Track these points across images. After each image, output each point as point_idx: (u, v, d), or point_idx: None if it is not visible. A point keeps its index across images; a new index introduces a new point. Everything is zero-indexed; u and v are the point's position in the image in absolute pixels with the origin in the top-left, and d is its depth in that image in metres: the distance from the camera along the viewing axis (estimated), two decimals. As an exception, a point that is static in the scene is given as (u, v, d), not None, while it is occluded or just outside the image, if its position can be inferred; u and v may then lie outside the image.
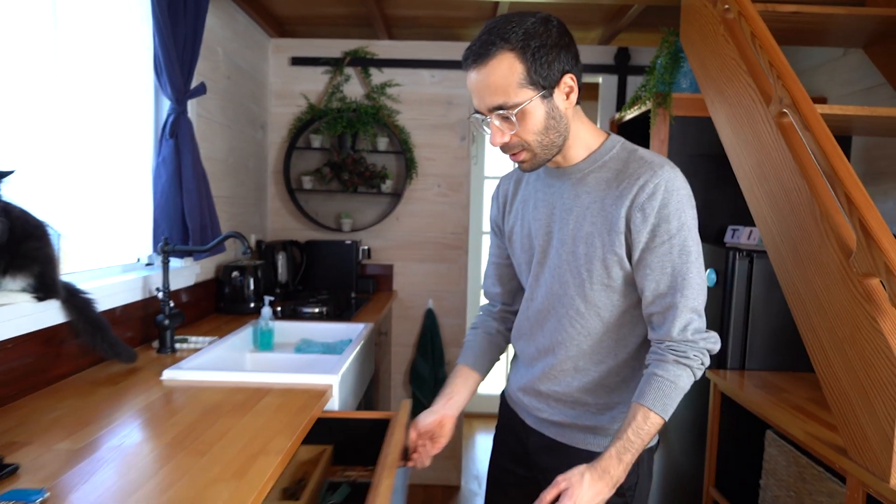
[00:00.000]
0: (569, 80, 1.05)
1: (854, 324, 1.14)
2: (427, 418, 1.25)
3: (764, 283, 1.75)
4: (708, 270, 1.89)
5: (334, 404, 1.51)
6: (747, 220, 2.03)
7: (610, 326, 1.12)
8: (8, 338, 1.27)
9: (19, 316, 1.29)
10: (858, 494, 1.13)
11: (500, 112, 1.03)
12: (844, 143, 2.10)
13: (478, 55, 1.02)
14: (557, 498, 1.01)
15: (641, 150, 1.10)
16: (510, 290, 1.34)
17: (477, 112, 1.07)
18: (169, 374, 1.49)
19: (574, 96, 1.07)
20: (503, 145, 1.07)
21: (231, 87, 2.54)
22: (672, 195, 1.04)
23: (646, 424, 1.03)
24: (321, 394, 1.42)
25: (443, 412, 1.26)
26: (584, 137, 1.12)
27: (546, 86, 1.03)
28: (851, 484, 1.15)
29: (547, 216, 1.16)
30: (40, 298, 1.33)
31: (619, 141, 1.13)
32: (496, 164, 4.14)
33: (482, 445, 3.72)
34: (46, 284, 1.33)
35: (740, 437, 1.70)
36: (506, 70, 1.00)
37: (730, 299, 1.77)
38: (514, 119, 1.03)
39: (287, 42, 3.04)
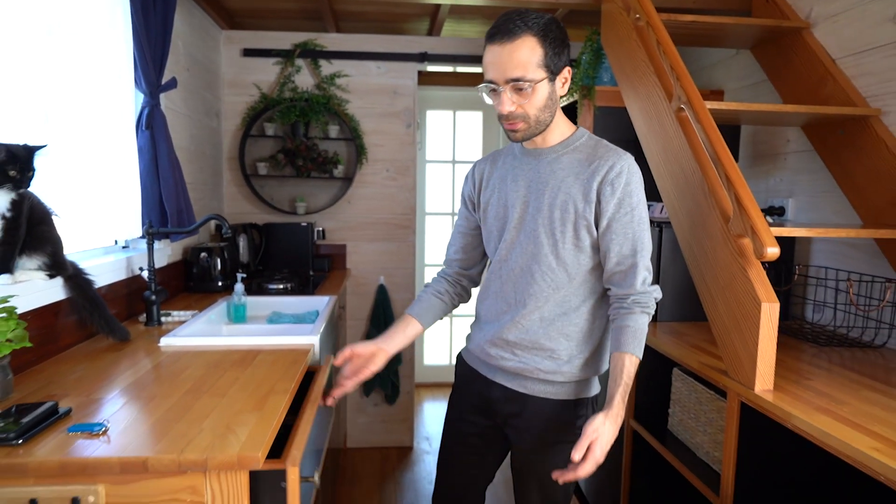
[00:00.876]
0: (566, 73, 1.32)
1: (731, 273, 1.48)
2: (363, 346, 1.47)
3: (671, 249, 2.10)
4: (626, 240, 2.22)
5: (316, 360, 1.75)
6: (659, 197, 2.38)
7: (574, 282, 1.38)
8: (28, 310, 1.43)
9: (35, 291, 1.46)
10: (735, 403, 1.48)
11: (517, 83, 1.25)
12: (735, 130, 2.48)
13: (507, 32, 1.23)
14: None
15: (604, 141, 1.40)
16: (471, 256, 1.60)
17: (489, 82, 1.28)
18: (166, 341, 1.68)
19: (566, 86, 1.34)
20: (508, 113, 1.29)
21: (190, 79, 2.67)
22: (633, 176, 1.33)
23: (633, 368, 1.30)
24: (307, 351, 1.65)
25: (379, 345, 1.48)
26: (561, 125, 1.40)
27: (554, 72, 1.29)
28: (731, 396, 1.50)
29: (525, 188, 1.39)
30: (51, 276, 1.50)
31: (586, 132, 1.42)
32: (438, 150, 4.40)
33: (430, 411, 4.02)
34: (57, 263, 1.49)
35: (654, 376, 2.05)
36: (529, 50, 1.24)
37: (644, 263, 2.12)
38: (528, 91, 1.26)
39: (238, 34, 3.17)
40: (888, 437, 1.13)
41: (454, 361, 1.64)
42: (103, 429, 1.08)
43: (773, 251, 1.36)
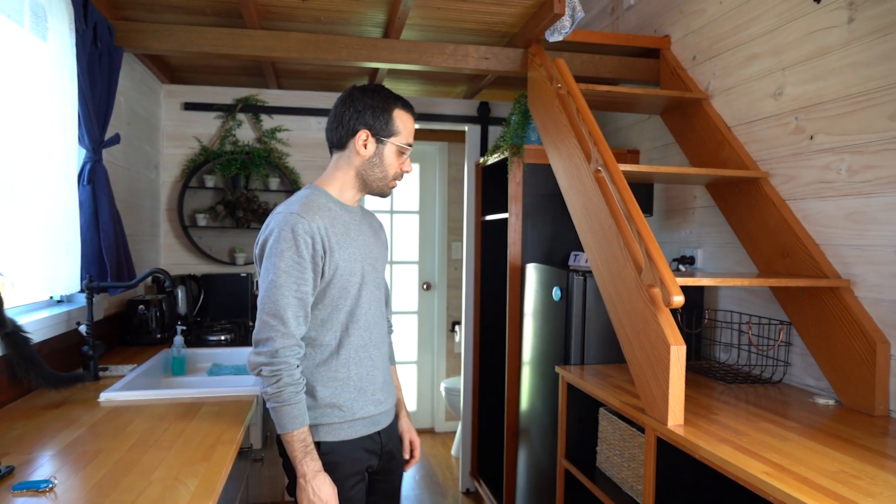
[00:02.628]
0: None
1: (644, 319, 1.65)
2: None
3: (595, 296, 2.27)
4: (555, 288, 2.39)
5: (258, 413, 1.79)
6: (582, 248, 2.57)
7: None
8: (-34, 368, 1.43)
9: (-27, 349, 1.46)
10: (652, 438, 1.63)
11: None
12: (648, 188, 2.73)
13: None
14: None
15: None
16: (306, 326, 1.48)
17: (410, 146, 1.57)
18: (106, 396, 1.69)
19: None
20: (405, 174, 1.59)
21: (130, 132, 2.70)
22: None
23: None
24: (250, 401, 1.69)
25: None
26: None
27: None
28: (648, 432, 1.65)
29: (365, 242, 1.56)
30: (-10, 333, 1.49)
31: None
32: (375, 200, 4.52)
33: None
34: (-3, 320, 1.50)
35: (582, 416, 2.18)
36: None
37: (571, 310, 2.28)
38: None
39: (179, 88, 3.23)
40: (778, 462, 1.29)
41: None
42: (50, 486, 1.10)
43: (678, 299, 1.53)
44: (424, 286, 4.62)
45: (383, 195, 1.61)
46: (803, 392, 1.90)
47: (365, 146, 1.50)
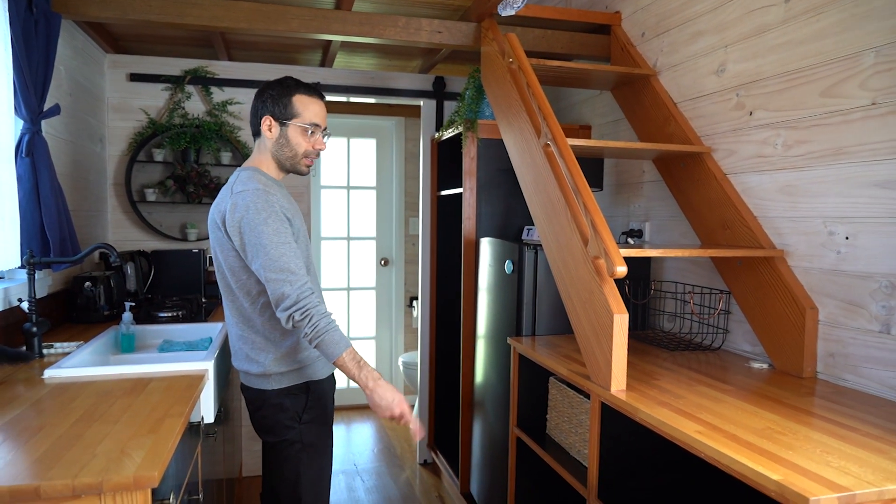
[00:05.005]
0: None
1: (589, 289, 1.70)
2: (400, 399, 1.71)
3: (546, 269, 2.32)
4: (507, 261, 2.43)
5: (210, 387, 1.78)
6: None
7: None
8: None
9: None
10: (597, 404, 1.69)
11: (326, 131, 1.79)
12: (599, 163, 2.78)
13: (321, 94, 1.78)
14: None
15: None
16: None
17: (318, 126, 1.73)
18: (50, 373, 1.65)
19: None
20: (319, 152, 1.77)
21: (72, 104, 2.61)
22: None
23: None
24: (201, 376, 1.68)
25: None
26: None
27: None
28: (592, 398, 1.71)
29: (299, 213, 1.76)
30: (-77, 310, 1.44)
31: None
32: (333, 176, 4.48)
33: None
34: (-70, 296, 1.45)
35: (533, 386, 2.24)
36: None
37: (522, 282, 2.32)
38: None
39: (124, 58, 3.12)
40: (710, 422, 1.36)
41: (350, 384, 1.81)
42: (-11, 461, 1.08)
43: (621, 270, 1.58)
44: (382, 262, 4.63)
45: (300, 173, 1.79)
46: (740, 357, 2.00)
47: (270, 130, 1.70)
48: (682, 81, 2.31)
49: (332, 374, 1.86)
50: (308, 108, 1.71)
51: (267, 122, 1.70)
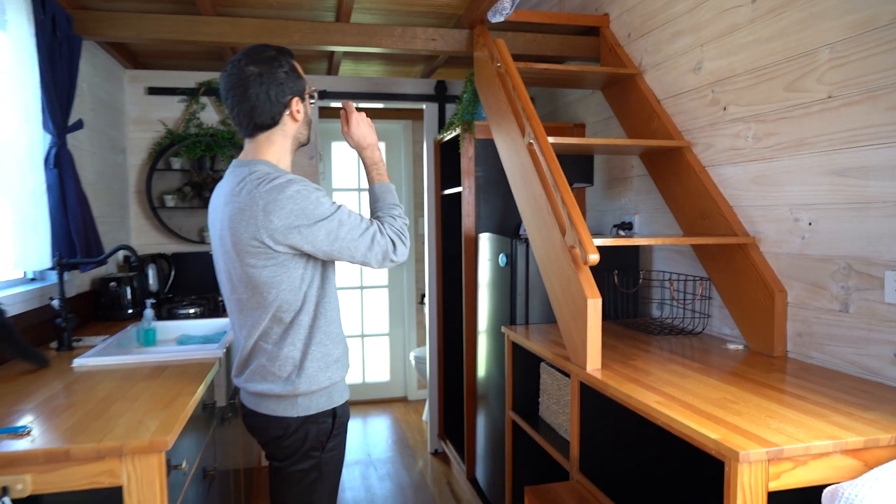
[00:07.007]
0: None
1: (567, 277, 1.83)
2: None
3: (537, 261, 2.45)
4: (501, 254, 2.56)
5: (223, 374, 1.95)
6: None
7: None
8: (-54, 337, 1.57)
9: (-48, 320, 1.59)
10: (576, 382, 1.82)
11: None
12: (589, 160, 2.89)
13: None
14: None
15: None
16: None
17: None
18: (79, 362, 1.83)
19: None
20: None
21: (95, 118, 2.80)
22: None
23: None
24: (212, 363, 1.85)
25: None
26: None
27: None
28: (573, 377, 1.84)
29: None
30: (-33, 305, 1.63)
31: None
32: (343, 178, 4.65)
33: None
34: (-28, 293, 1.63)
35: (527, 373, 2.37)
36: None
37: (515, 274, 2.45)
38: None
39: (142, 73, 3.32)
40: (671, 394, 1.48)
41: (365, 379, 1.88)
42: (27, 430, 1.26)
43: (593, 257, 1.70)
44: (393, 261, 4.77)
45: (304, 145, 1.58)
46: (720, 340, 2.10)
47: (298, 111, 1.47)
48: (665, 79, 2.42)
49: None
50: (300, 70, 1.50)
51: (296, 104, 1.46)
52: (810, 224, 1.77)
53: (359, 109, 1.78)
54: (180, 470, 1.36)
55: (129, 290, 2.66)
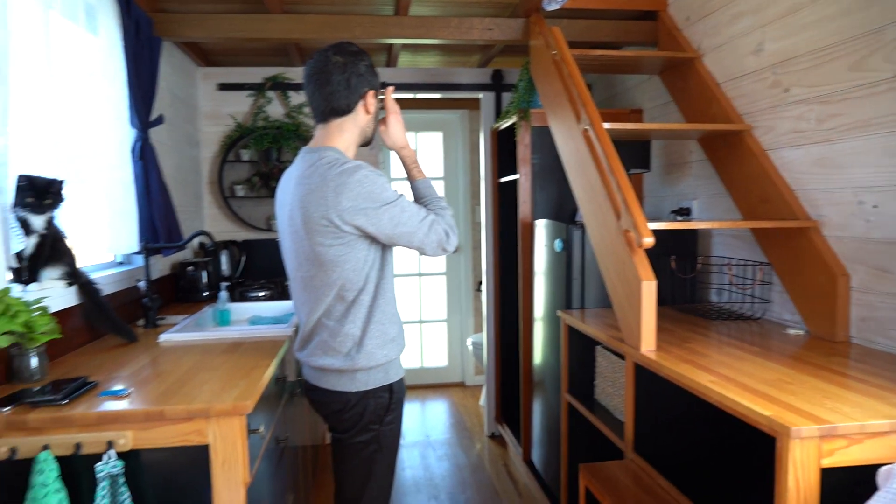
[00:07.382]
0: None
1: (622, 260, 1.86)
2: None
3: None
4: (556, 240, 2.60)
5: (291, 352, 2.08)
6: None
7: None
8: (56, 310, 1.75)
9: (59, 296, 1.78)
10: (630, 363, 1.85)
11: None
12: (646, 145, 2.88)
13: None
14: None
15: None
16: None
17: None
18: (165, 337, 2.00)
19: None
20: None
21: (172, 113, 3.00)
22: None
23: None
24: (283, 340, 1.98)
25: None
26: None
27: None
28: (627, 359, 1.87)
29: None
30: (69, 284, 1.81)
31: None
32: (401, 169, 4.76)
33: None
34: (74, 273, 1.81)
35: (583, 357, 2.41)
36: None
37: (571, 260, 2.49)
38: None
39: (214, 70, 3.51)
40: (726, 374, 1.50)
41: (423, 364, 1.97)
42: (127, 393, 1.40)
43: (648, 241, 1.73)
44: (450, 249, 4.86)
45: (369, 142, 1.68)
46: (779, 325, 2.08)
47: (371, 105, 1.57)
48: (724, 62, 2.39)
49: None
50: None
51: (371, 97, 1.56)
52: (875, 207, 1.73)
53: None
54: (258, 433, 1.48)
55: (204, 274, 2.85)
